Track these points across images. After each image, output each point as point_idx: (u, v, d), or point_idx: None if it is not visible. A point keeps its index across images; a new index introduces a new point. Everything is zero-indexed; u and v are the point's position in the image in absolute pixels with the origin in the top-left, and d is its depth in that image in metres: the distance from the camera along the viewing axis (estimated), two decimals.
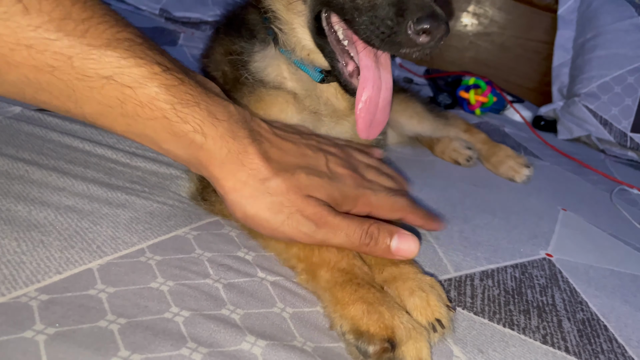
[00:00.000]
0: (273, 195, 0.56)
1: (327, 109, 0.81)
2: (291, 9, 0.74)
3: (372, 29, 0.63)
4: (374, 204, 0.65)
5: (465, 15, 2.29)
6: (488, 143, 1.28)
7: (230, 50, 0.80)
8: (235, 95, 0.77)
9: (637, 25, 1.88)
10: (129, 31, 0.53)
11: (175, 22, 1.88)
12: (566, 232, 0.96)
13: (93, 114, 0.53)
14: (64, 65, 0.48)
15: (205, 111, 0.55)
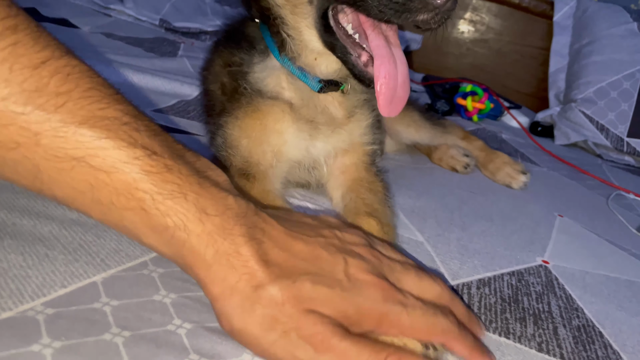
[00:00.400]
0: (266, 307, 0.46)
1: (324, 117, 0.82)
2: (297, 13, 0.74)
3: (386, 2, 0.62)
4: (405, 325, 0.51)
5: (462, 22, 2.31)
6: (485, 150, 1.29)
7: (230, 62, 0.82)
8: (233, 105, 0.79)
9: (632, 30, 1.90)
10: (117, 108, 0.47)
11: (175, 33, 1.90)
12: (562, 239, 0.98)
13: (64, 197, 0.48)
14: (30, 142, 0.44)
15: (192, 204, 0.47)
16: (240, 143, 0.78)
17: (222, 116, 0.81)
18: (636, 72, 1.81)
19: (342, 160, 0.86)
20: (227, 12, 2.10)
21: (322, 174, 0.86)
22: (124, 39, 1.62)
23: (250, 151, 0.77)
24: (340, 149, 0.85)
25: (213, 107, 0.88)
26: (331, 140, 0.83)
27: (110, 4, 1.93)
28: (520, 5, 2.21)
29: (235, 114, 0.78)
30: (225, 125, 0.79)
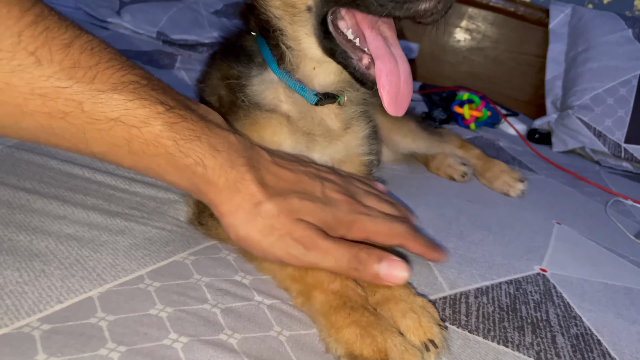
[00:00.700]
0: (265, 218, 0.59)
1: (321, 129, 0.82)
2: (296, 21, 0.75)
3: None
4: (370, 229, 0.66)
5: (458, 30, 2.32)
6: (483, 159, 1.29)
7: (228, 75, 0.82)
8: (230, 118, 0.79)
9: (627, 37, 1.91)
10: (135, 73, 0.56)
11: (172, 45, 1.91)
12: (560, 246, 0.98)
13: (102, 152, 0.57)
14: (75, 110, 0.52)
15: (206, 144, 0.58)
16: None
17: None
18: (632, 78, 1.82)
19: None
20: (224, 24, 2.11)
21: None
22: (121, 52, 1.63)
23: None
24: (337, 159, 0.85)
25: None
26: (328, 152, 0.83)
27: (108, 17, 1.94)
28: (516, 13, 2.22)
29: (233, 127, 0.78)
30: None
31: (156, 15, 2.00)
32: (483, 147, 1.60)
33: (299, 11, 0.74)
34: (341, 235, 0.64)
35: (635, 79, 1.81)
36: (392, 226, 0.67)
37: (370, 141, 0.89)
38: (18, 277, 0.54)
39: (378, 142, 1.07)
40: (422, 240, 0.71)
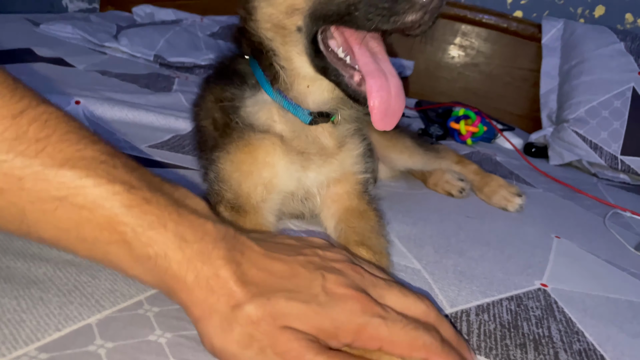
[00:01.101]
0: (243, 326, 0.48)
1: (316, 148, 0.83)
2: (287, 42, 0.76)
3: (373, 10, 0.63)
4: (384, 337, 0.51)
5: (452, 47, 2.35)
6: (480, 174, 1.30)
7: (222, 98, 0.83)
8: (225, 140, 0.80)
9: (620, 50, 1.93)
10: (95, 149, 0.50)
11: (169, 67, 1.93)
12: (561, 261, 0.97)
13: (50, 237, 0.50)
14: (14, 187, 0.46)
15: (172, 233, 0.49)
16: (231, 177, 0.78)
17: (214, 151, 0.82)
18: (626, 90, 1.83)
19: (334, 190, 0.86)
20: (220, 46, 2.13)
21: (316, 204, 0.86)
22: (119, 76, 1.64)
23: (241, 185, 0.78)
24: (332, 178, 0.85)
25: (205, 143, 0.89)
26: (323, 170, 0.84)
27: (105, 41, 1.96)
28: (509, 29, 2.24)
29: (227, 149, 0.79)
30: (218, 159, 0.80)
31: (153, 38, 2.02)
32: (480, 161, 1.61)
33: (290, 32, 0.75)
34: (346, 344, 0.51)
35: (629, 91, 1.83)
36: (414, 335, 0.52)
37: (365, 159, 0.89)
38: (16, 305, 0.53)
39: (373, 159, 1.08)
40: (452, 358, 0.54)
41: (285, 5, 0.74)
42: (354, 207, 0.86)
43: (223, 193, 0.78)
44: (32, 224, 0.48)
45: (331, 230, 0.85)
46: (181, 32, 2.12)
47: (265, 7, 0.76)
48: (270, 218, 0.79)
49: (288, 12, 0.74)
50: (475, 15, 2.27)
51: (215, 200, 0.78)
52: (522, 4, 2.32)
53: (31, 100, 0.48)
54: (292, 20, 0.74)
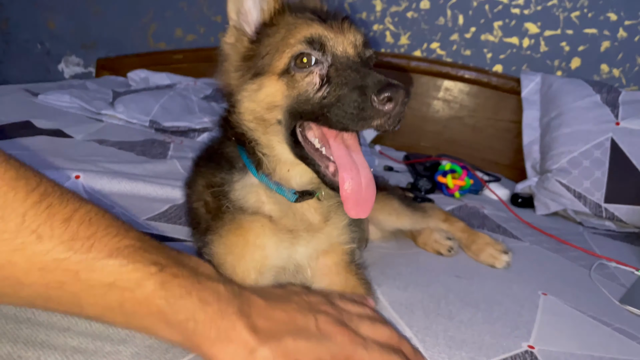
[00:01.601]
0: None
1: (303, 224, 0.88)
2: (269, 132, 0.83)
3: (343, 115, 0.73)
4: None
5: (436, 102, 2.44)
6: (467, 231, 1.34)
7: (212, 183, 0.88)
8: (217, 223, 0.85)
9: (596, 102, 2.02)
10: (130, 237, 0.61)
11: (164, 132, 1.99)
12: (547, 320, 1.01)
13: (96, 314, 0.60)
14: (72, 279, 0.56)
15: (196, 298, 0.61)
16: (225, 260, 0.83)
17: (207, 234, 0.86)
18: (604, 141, 1.91)
19: (323, 262, 0.91)
20: (214, 109, 2.21)
21: (307, 277, 0.90)
22: (116, 144, 1.70)
23: (234, 268, 0.82)
24: (321, 250, 0.90)
25: (198, 224, 0.93)
26: (311, 244, 0.89)
27: (102, 109, 2.03)
28: (490, 83, 2.34)
29: (219, 232, 0.84)
30: (211, 242, 0.85)
31: (148, 104, 2.09)
32: (468, 215, 1.66)
33: (271, 124, 0.83)
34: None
35: (608, 141, 1.90)
36: (387, 357, 0.69)
37: (351, 229, 0.94)
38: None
39: (361, 229, 1.13)
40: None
41: (265, 102, 0.82)
42: (342, 278, 0.90)
43: None
44: (85, 306, 0.58)
45: None
46: (175, 96, 2.20)
47: (248, 102, 0.83)
48: None
49: (269, 108, 0.82)
50: (457, 72, 2.38)
51: None
52: (501, 59, 2.43)
53: (74, 202, 0.59)
54: (272, 114, 0.82)
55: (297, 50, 0.79)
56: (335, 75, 0.77)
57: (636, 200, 1.82)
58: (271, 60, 0.81)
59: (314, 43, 0.79)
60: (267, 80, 0.81)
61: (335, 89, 0.75)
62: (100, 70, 2.93)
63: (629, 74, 2.31)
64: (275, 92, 0.80)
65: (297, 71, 0.79)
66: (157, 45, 2.94)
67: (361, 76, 0.74)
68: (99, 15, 3.00)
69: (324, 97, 0.76)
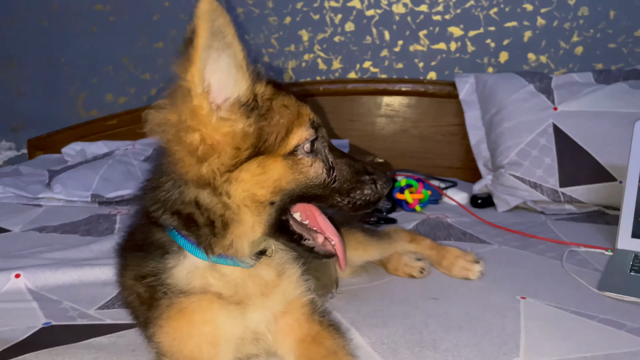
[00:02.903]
0: None
1: (256, 286, 0.84)
2: (260, 212, 0.78)
3: (363, 200, 0.83)
4: None
5: (379, 119, 2.45)
6: (435, 248, 1.32)
7: (143, 274, 0.81)
8: (154, 313, 0.78)
9: (530, 92, 2.07)
10: None
11: (109, 204, 1.90)
12: (532, 326, 0.98)
13: None
14: None
15: None
16: (171, 347, 0.76)
17: (147, 328, 0.80)
18: (547, 127, 1.94)
19: (284, 322, 0.85)
20: None
21: (269, 343, 0.85)
22: (58, 229, 1.60)
23: (182, 351, 0.76)
24: (278, 311, 0.85)
25: (137, 318, 0.87)
26: (267, 306, 0.84)
27: (39, 193, 1.92)
28: (427, 92, 2.37)
29: (159, 323, 0.77)
30: (154, 336, 0.78)
31: (87, 177, 2.00)
32: (433, 228, 1.64)
33: (265, 206, 0.78)
34: None
35: (550, 127, 1.94)
36: None
37: (305, 278, 0.90)
38: None
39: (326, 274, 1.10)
40: None
41: (273, 185, 0.77)
42: (305, 334, 0.85)
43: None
44: None
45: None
46: (115, 164, 2.11)
47: (248, 185, 0.75)
48: None
49: (274, 192, 0.77)
50: (394, 86, 2.39)
51: None
52: (433, 65, 2.47)
53: None
54: (275, 197, 0.78)
55: (307, 135, 0.78)
56: (335, 161, 0.82)
57: (590, 179, 1.86)
58: (274, 143, 0.76)
59: (317, 128, 0.81)
60: (271, 163, 0.76)
61: (341, 175, 0.82)
62: (33, 151, 2.80)
63: (555, 58, 2.38)
64: (280, 176, 0.77)
65: (306, 155, 0.79)
66: (90, 114, 2.83)
67: (354, 162, 0.84)
68: (24, 95, 2.88)
69: (334, 181, 0.81)
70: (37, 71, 2.82)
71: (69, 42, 2.75)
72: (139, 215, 0.88)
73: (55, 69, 2.81)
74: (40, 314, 1.03)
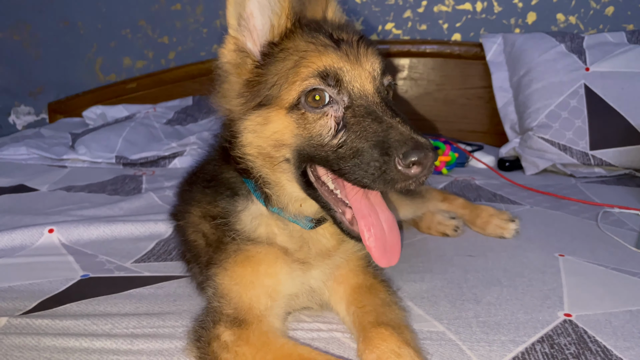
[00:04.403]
0: None
1: (317, 250, 0.82)
2: (277, 170, 0.75)
3: (361, 172, 0.65)
4: None
5: (403, 82, 2.40)
6: (468, 207, 1.30)
7: (210, 213, 0.81)
8: (220, 256, 0.77)
9: (561, 52, 2.00)
10: None
11: (134, 166, 1.89)
12: (573, 282, 0.96)
13: None
14: None
15: None
16: (231, 290, 0.75)
17: (209, 268, 0.79)
18: (578, 89, 1.89)
19: (339, 272, 0.84)
20: (179, 132, 2.12)
21: (324, 299, 0.84)
22: (85, 188, 1.60)
23: (242, 296, 0.75)
24: (335, 267, 0.84)
25: (197, 258, 0.86)
26: (327, 265, 0.83)
27: (63, 154, 1.92)
28: (452, 54, 2.31)
29: (224, 265, 0.76)
30: (215, 276, 0.77)
31: (110, 140, 1.99)
32: (462, 190, 1.62)
33: (278, 161, 0.75)
34: None
35: (582, 89, 1.89)
36: None
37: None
38: None
39: None
40: None
41: (272, 138, 0.73)
42: (360, 283, 0.84)
43: (222, 309, 0.74)
44: None
45: (344, 314, 0.82)
46: (137, 126, 2.10)
47: (252, 136, 0.74)
48: (276, 324, 0.76)
49: (276, 146, 0.73)
50: (418, 48, 2.33)
51: (214, 319, 0.73)
52: (458, 27, 2.40)
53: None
54: (280, 152, 0.74)
55: (309, 85, 0.70)
56: (353, 121, 0.68)
57: (621, 141, 1.81)
58: (279, 91, 0.72)
59: (329, 78, 0.70)
60: (274, 115, 0.72)
61: (353, 140, 0.67)
62: (53, 115, 2.80)
63: (585, 19, 2.30)
64: (283, 130, 0.72)
65: (309, 110, 0.70)
66: (108, 79, 2.82)
67: (383, 129, 0.66)
68: (41, 60, 2.86)
69: (340, 145, 0.68)
70: (53, 35, 2.79)
71: (85, 5, 2.71)
72: (212, 150, 0.86)
73: (72, 33, 2.78)
74: (77, 267, 1.03)
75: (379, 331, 0.72)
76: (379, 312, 0.77)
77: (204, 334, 0.72)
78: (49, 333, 0.78)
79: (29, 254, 1.09)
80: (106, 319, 0.81)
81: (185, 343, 0.75)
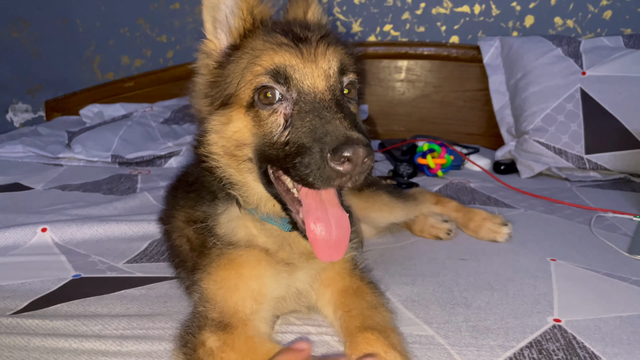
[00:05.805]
0: None
1: (300, 250, 0.82)
2: (242, 169, 0.76)
3: (304, 170, 0.64)
4: None
5: (400, 84, 2.40)
6: (462, 210, 1.30)
7: (193, 217, 0.81)
8: (204, 261, 0.78)
9: (558, 56, 2.01)
10: None
11: (129, 165, 1.89)
12: (564, 287, 0.97)
13: None
14: None
15: None
16: (216, 295, 0.75)
17: (194, 273, 0.79)
18: (574, 92, 1.89)
19: (325, 275, 0.85)
20: (176, 132, 2.11)
21: (311, 300, 0.84)
22: (79, 187, 1.60)
23: (226, 300, 0.75)
24: (321, 269, 0.84)
25: (183, 263, 0.86)
26: (312, 267, 0.83)
27: (59, 153, 1.92)
28: (450, 56, 2.31)
29: (208, 270, 0.77)
30: (200, 281, 0.77)
31: (107, 139, 1.99)
32: (456, 192, 1.62)
33: (242, 160, 0.76)
34: None
35: (578, 93, 1.89)
36: None
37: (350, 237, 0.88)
38: None
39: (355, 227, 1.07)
40: None
41: (234, 138, 0.75)
42: (347, 286, 0.84)
43: (208, 313, 0.74)
44: None
45: (332, 319, 0.82)
46: (134, 125, 2.10)
47: (216, 136, 0.76)
48: (262, 328, 0.76)
49: (238, 146, 0.75)
50: (415, 50, 2.34)
51: (200, 324, 0.73)
52: (456, 29, 2.40)
53: None
54: (242, 151, 0.75)
55: (260, 82, 0.71)
56: (297, 118, 0.68)
57: (617, 145, 1.82)
58: (237, 90, 0.73)
59: (279, 75, 0.70)
60: (235, 114, 0.74)
61: (296, 136, 0.67)
62: (50, 113, 2.79)
63: (583, 23, 2.31)
64: (243, 129, 0.74)
65: (262, 107, 0.72)
66: (105, 77, 2.81)
67: (322, 124, 0.65)
68: (40, 57, 2.86)
69: (286, 142, 0.68)
70: (52, 32, 2.79)
71: (84, 3, 2.71)
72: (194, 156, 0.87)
73: (70, 31, 2.77)
74: (69, 267, 1.03)
75: (365, 336, 0.72)
76: (365, 316, 0.77)
77: (190, 340, 0.71)
78: (39, 333, 0.78)
79: (22, 253, 1.10)
80: (96, 320, 0.82)
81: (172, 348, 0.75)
